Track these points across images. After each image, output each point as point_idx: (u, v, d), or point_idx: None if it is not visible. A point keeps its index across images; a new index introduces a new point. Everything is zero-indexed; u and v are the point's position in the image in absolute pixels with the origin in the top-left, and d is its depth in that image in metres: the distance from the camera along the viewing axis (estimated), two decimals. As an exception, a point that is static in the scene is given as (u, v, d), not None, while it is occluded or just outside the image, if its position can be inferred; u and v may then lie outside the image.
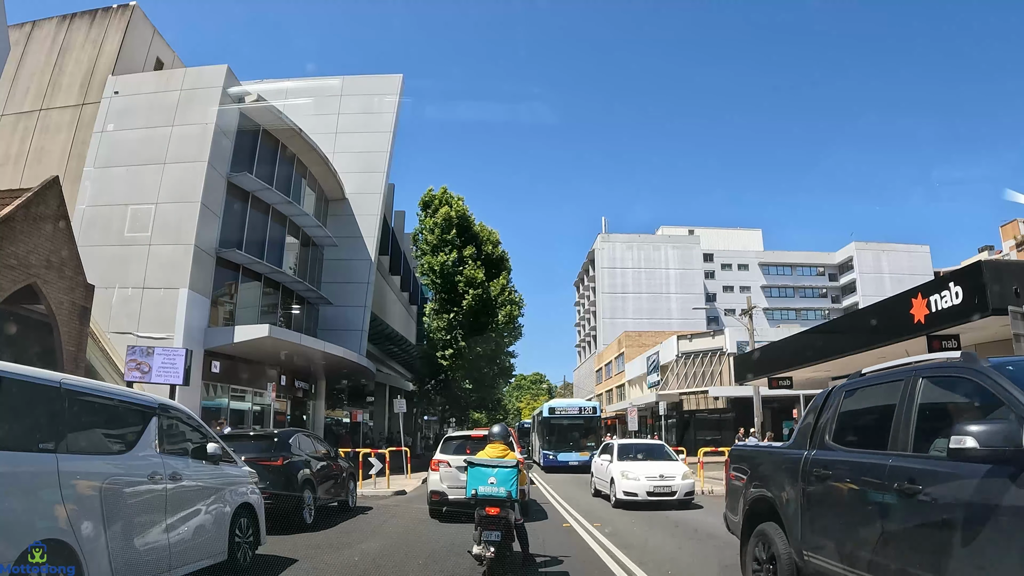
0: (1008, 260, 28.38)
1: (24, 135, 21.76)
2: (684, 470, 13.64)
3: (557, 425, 27.97)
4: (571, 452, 26.29)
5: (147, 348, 15.68)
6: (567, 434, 27.88)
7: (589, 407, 29.35)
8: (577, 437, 27.69)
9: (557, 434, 27.78)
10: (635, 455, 14.60)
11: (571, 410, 28.86)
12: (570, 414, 28.39)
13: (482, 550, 6.41)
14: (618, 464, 13.81)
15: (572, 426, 28.15)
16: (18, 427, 4.17)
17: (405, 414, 23.48)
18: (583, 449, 25.83)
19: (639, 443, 16.62)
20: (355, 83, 30.08)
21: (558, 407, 29.04)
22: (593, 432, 28.05)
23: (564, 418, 28.24)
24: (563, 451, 26.68)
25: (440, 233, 31.05)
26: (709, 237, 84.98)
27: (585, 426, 28.30)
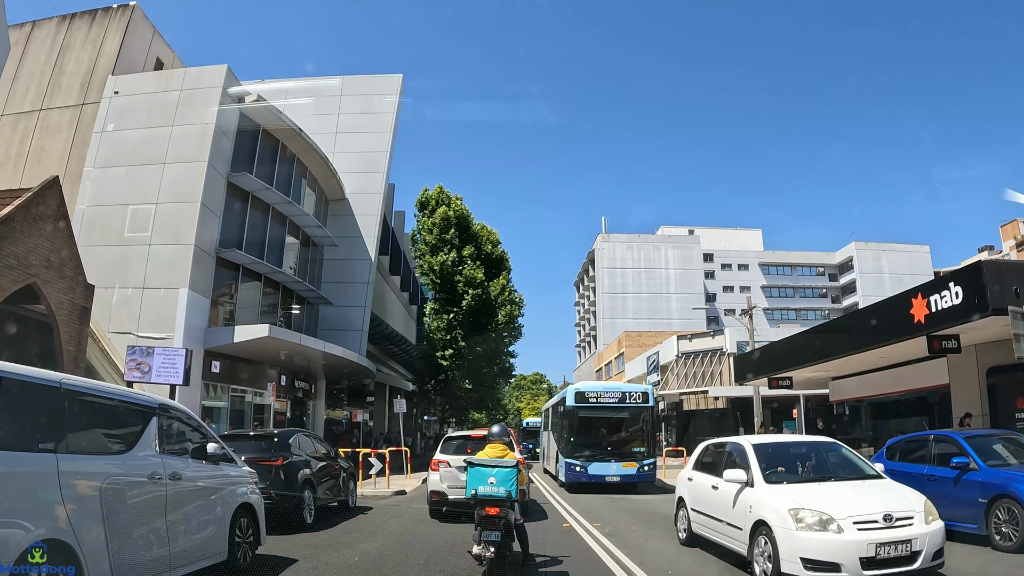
0: (1008, 260, 28.41)
1: (24, 135, 21.75)
2: (921, 503, 6.48)
3: (589, 419, 18.01)
4: (610, 462, 16.93)
5: (147, 348, 15.67)
6: (605, 434, 18.18)
7: (638, 391, 18.19)
8: (621, 438, 18.06)
9: (589, 433, 17.85)
10: (803, 470, 7.52)
11: (610, 395, 18.13)
12: (609, 402, 17.97)
13: (482, 550, 6.41)
14: (776, 492, 6.64)
15: (613, 421, 18.29)
16: (18, 427, 4.17)
17: (405, 414, 23.48)
18: (629, 457, 17.11)
19: (795, 440, 9.28)
20: (355, 83, 30.07)
21: (590, 391, 18.30)
22: (644, 430, 18.02)
23: (600, 409, 17.99)
24: (598, 459, 17.06)
25: (439, 233, 31.03)
26: (709, 237, 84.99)
27: (632, 421, 18.26)
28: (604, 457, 17.06)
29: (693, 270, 79.52)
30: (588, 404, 17.73)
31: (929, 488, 8.73)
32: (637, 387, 18.56)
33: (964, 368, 13.88)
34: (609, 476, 16.58)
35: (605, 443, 17.74)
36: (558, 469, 18.39)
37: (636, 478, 16.58)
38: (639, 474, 16.58)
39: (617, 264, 79.30)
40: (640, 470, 16.58)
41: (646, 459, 16.90)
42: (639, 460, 16.89)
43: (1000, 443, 8.81)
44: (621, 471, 16.65)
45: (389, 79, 30.79)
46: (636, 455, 17.15)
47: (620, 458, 16.99)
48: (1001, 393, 13.15)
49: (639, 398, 17.85)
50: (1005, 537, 7.48)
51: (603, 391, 18.16)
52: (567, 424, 17.72)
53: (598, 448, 17.44)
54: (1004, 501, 7.56)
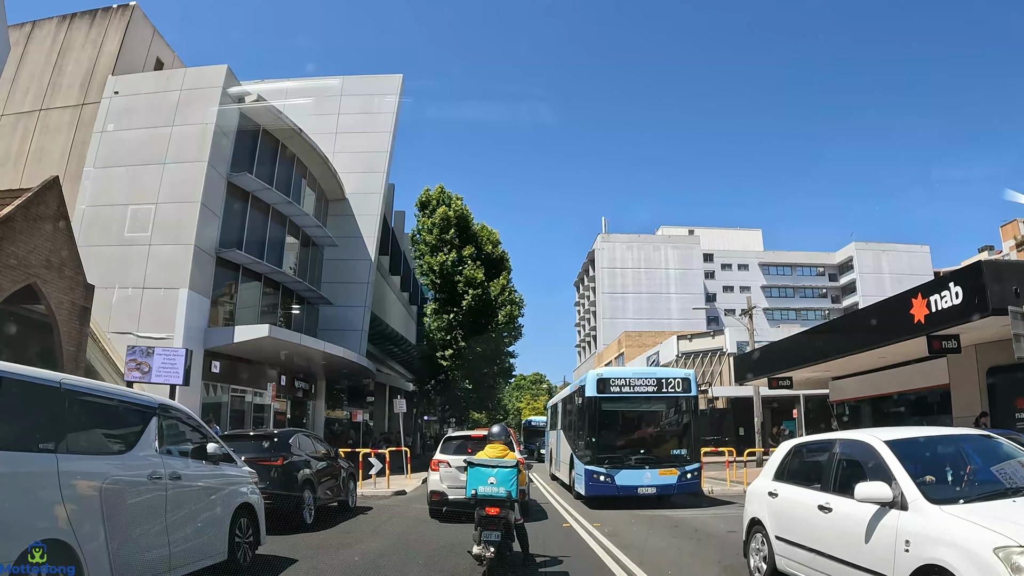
0: (1008, 260, 28.41)
1: (24, 135, 21.75)
2: None
3: (616, 414, 14.17)
4: (644, 468, 13.16)
5: (147, 348, 15.67)
6: (637, 432, 14.30)
7: (677, 377, 14.21)
8: (657, 438, 14.20)
9: (616, 432, 14.06)
10: (966, 479, 5.04)
11: (642, 383, 14.06)
12: (641, 391, 13.93)
13: (482, 550, 6.42)
14: (954, 519, 4.18)
15: (646, 415, 14.45)
16: (18, 427, 4.17)
17: (405, 414, 23.48)
18: (667, 462, 13.35)
19: (939, 435, 5.85)
20: (355, 83, 30.07)
21: (617, 377, 14.34)
22: (685, 427, 14.10)
23: (630, 400, 13.98)
24: (628, 465, 13.19)
25: (439, 233, 31.04)
26: (709, 237, 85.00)
27: (670, 414, 14.37)
28: (636, 462, 13.11)
29: (693, 270, 79.53)
30: (614, 394, 13.63)
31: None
32: (676, 372, 14.58)
33: (964, 368, 13.88)
34: (643, 487, 12.85)
35: (637, 444, 13.76)
36: (574, 478, 14.70)
37: (677, 489, 13.10)
38: (681, 483, 13.05)
39: (617, 264, 79.31)
40: (682, 478, 13.03)
41: (688, 464, 13.21)
42: (680, 465, 13.13)
43: (1000, 443, 8.78)
44: (658, 480, 12.93)
45: (389, 79, 30.79)
46: (676, 459, 13.29)
47: (656, 463, 13.15)
48: (1001, 393, 13.16)
49: (679, 385, 13.87)
50: None
51: (633, 377, 14.15)
52: (587, 420, 13.67)
53: (628, 451, 13.45)
54: None
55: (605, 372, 14.72)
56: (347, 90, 29.60)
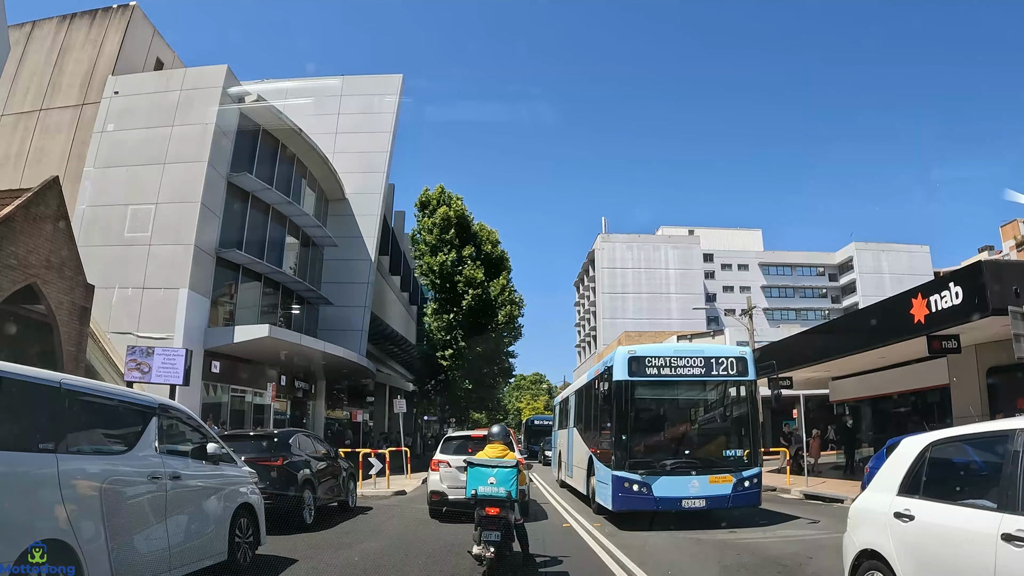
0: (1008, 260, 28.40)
1: (24, 135, 21.75)
2: None
3: (653, 404, 11.27)
4: (689, 474, 10.33)
5: (147, 348, 15.67)
6: (681, 426, 11.28)
7: (731, 356, 11.18)
8: (705, 433, 11.32)
9: (653, 425, 11.13)
10: None
11: (686, 363, 10.97)
12: (686, 374, 10.95)
13: (482, 550, 6.42)
14: None
15: (692, 406, 11.72)
16: (18, 427, 4.17)
17: (405, 414, 23.48)
18: (720, 466, 10.47)
19: None
20: (355, 83, 30.07)
21: (654, 356, 10.99)
22: (742, 421, 11.03)
23: (672, 386, 11.14)
24: (668, 471, 10.33)
25: (439, 233, 31.04)
26: (709, 237, 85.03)
27: (723, 405, 11.35)
28: (679, 467, 10.24)
29: (693, 270, 79.55)
30: (651, 378, 10.65)
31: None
32: (729, 349, 11.68)
33: (964, 368, 13.89)
34: (688, 499, 10.04)
35: (680, 443, 10.71)
36: (594, 487, 11.70)
37: (732, 501, 10.18)
38: (737, 494, 10.15)
39: (617, 264, 79.34)
40: (738, 487, 10.14)
41: (747, 468, 10.29)
42: (735, 471, 10.23)
43: (1000, 443, 8.78)
44: (708, 490, 10.09)
45: (389, 79, 30.79)
46: (730, 462, 10.36)
47: (705, 468, 10.25)
48: (1001, 393, 13.17)
49: (733, 366, 10.80)
50: None
51: (675, 356, 10.85)
52: (616, 412, 10.54)
53: (668, 452, 10.50)
54: None
55: (639, 349, 11.03)
56: (347, 90, 29.60)
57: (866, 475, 10.45)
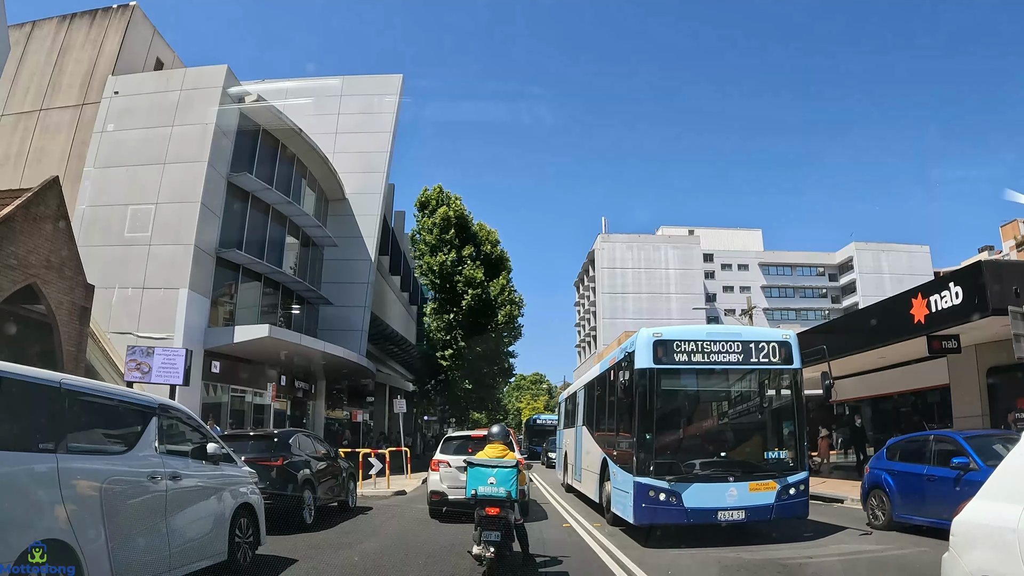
0: (1008, 260, 28.41)
1: (24, 135, 21.75)
2: None
3: (683, 395, 9.63)
4: (725, 480, 8.68)
5: (147, 348, 15.68)
6: (715, 423, 9.77)
7: (772, 341, 9.44)
8: (743, 431, 9.64)
9: (683, 422, 9.47)
10: None
11: (721, 347, 9.19)
12: (722, 359, 9.19)
13: (482, 550, 6.42)
14: None
15: (728, 397, 9.93)
16: (18, 427, 4.17)
17: (405, 414, 23.48)
18: (761, 471, 8.95)
19: None
20: (355, 83, 30.08)
21: (683, 340, 9.18)
22: (788, 415, 9.39)
23: (705, 375, 9.45)
24: (701, 476, 8.73)
25: (439, 233, 31.05)
26: (709, 237, 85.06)
27: (762, 395, 9.64)
28: (714, 472, 8.74)
29: (693, 270, 79.58)
30: (680, 365, 9.07)
31: (929, 488, 8.75)
32: (770, 332, 9.80)
33: (964, 368, 13.89)
34: (725, 511, 8.51)
35: (714, 444, 9.24)
36: (610, 495, 10.27)
37: (775, 511, 8.67)
38: (781, 503, 8.68)
39: (617, 264, 79.37)
40: (783, 495, 8.70)
41: (792, 473, 8.85)
42: (779, 476, 8.80)
43: (1000, 443, 8.81)
44: (748, 499, 8.59)
45: (389, 79, 30.80)
46: (773, 466, 8.93)
47: (745, 473, 8.78)
48: (1001, 393, 13.17)
49: (775, 353, 9.30)
50: None
51: (707, 340, 9.16)
52: (638, 406, 8.93)
53: (701, 454, 9.00)
54: None
55: (667, 332, 9.27)
56: (347, 90, 29.61)
57: (866, 475, 10.46)
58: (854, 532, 9.63)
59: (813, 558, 7.80)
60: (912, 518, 9.08)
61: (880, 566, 7.67)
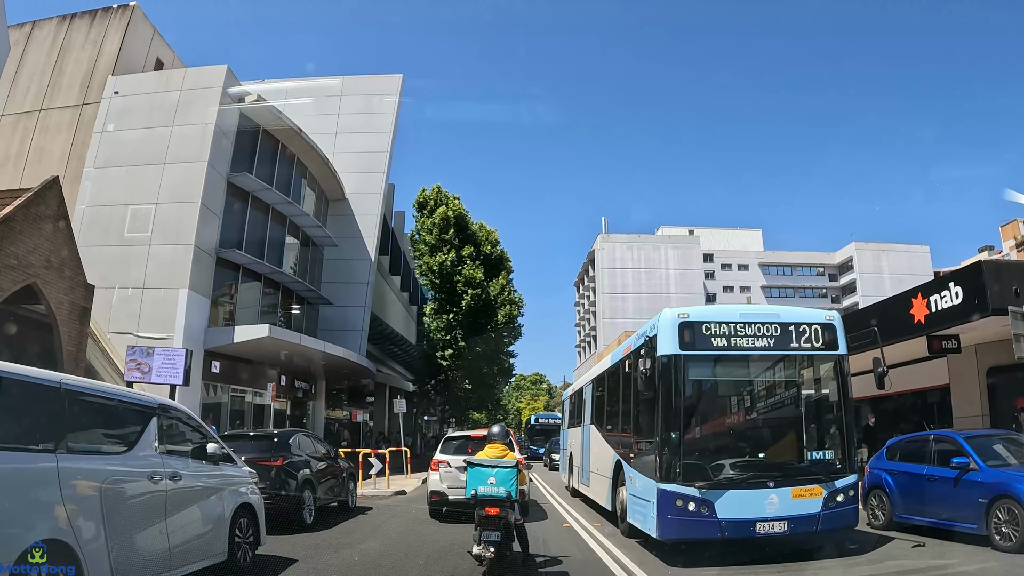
0: (1008, 260, 28.41)
1: (24, 135, 21.76)
2: None
3: (715, 386, 8.43)
4: (765, 486, 7.45)
5: (147, 348, 15.68)
6: (750, 419, 8.36)
7: (814, 324, 8.15)
8: (782, 428, 8.25)
9: (715, 418, 8.28)
10: None
11: (758, 331, 7.92)
12: (758, 343, 7.91)
13: (482, 550, 6.42)
14: None
15: (766, 387, 8.51)
16: (18, 427, 4.17)
17: (405, 414, 23.48)
18: (804, 475, 7.68)
19: None
20: (355, 83, 30.08)
21: (714, 321, 7.92)
22: (833, 409, 8.29)
23: (740, 360, 8.08)
24: (736, 482, 7.47)
25: (438, 233, 31.04)
26: (709, 237, 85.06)
27: (804, 386, 8.35)
28: (751, 476, 7.58)
29: (693, 270, 79.56)
30: (712, 351, 7.91)
31: (929, 488, 8.75)
32: (810, 314, 8.46)
33: (964, 368, 13.88)
34: (765, 522, 7.34)
35: (749, 443, 8.08)
36: (626, 503, 9.10)
37: (822, 522, 7.52)
38: (829, 511, 7.52)
39: (617, 264, 79.36)
40: (830, 503, 7.53)
41: (840, 476, 7.70)
42: (825, 480, 7.63)
43: (1000, 443, 8.81)
44: (791, 508, 7.43)
45: (389, 79, 30.81)
46: (818, 469, 7.77)
47: (786, 477, 7.63)
48: (1001, 393, 13.16)
49: (818, 337, 8.11)
50: (1005, 537, 7.49)
51: (740, 322, 7.94)
52: (661, 401, 7.71)
53: (734, 455, 7.82)
54: (1004, 501, 7.57)
55: (694, 312, 8.04)
56: (347, 90, 29.61)
57: (866, 475, 10.45)
58: (903, 543, 8.30)
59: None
60: (912, 518, 9.09)
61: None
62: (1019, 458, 8.41)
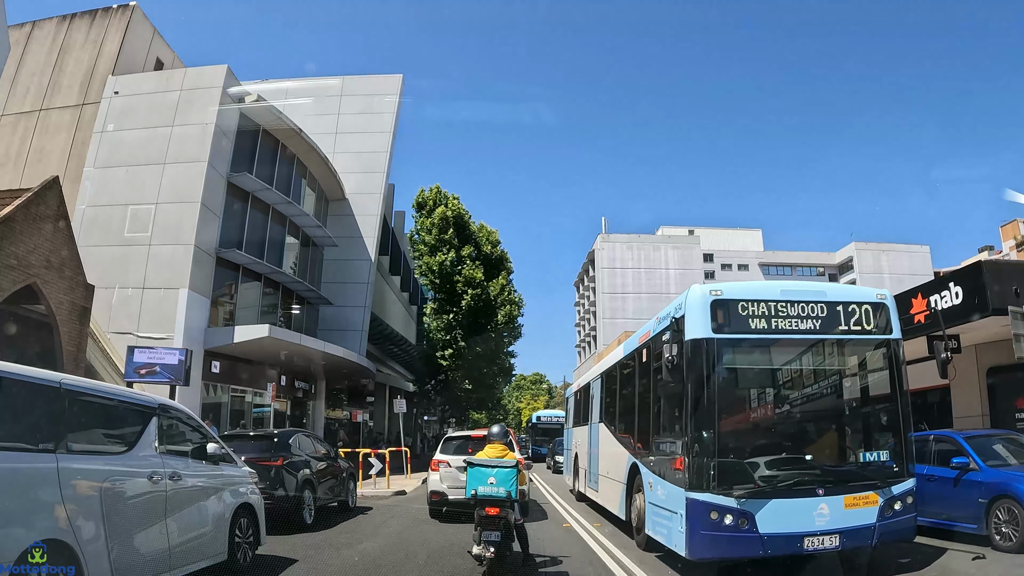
0: (1008, 260, 28.40)
1: (24, 135, 21.76)
2: None
3: (753, 376, 7.29)
4: (812, 494, 6.34)
5: (147, 348, 15.68)
6: (793, 415, 7.10)
7: (865, 302, 7.07)
8: (831, 425, 7.20)
9: (754, 417, 7.11)
10: None
11: (800, 311, 6.81)
12: (801, 325, 6.78)
13: (482, 550, 6.42)
14: None
15: (810, 376, 7.22)
16: (18, 427, 4.17)
17: (405, 414, 23.47)
18: (857, 481, 6.60)
19: None
20: (355, 83, 30.08)
21: (751, 299, 6.80)
22: (887, 402, 7.02)
23: (782, 342, 6.98)
24: (779, 490, 6.36)
25: (438, 233, 31.04)
26: (709, 237, 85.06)
27: (855, 375, 7.24)
28: (797, 483, 6.51)
29: (693, 270, 79.49)
30: (749, 334, 6.88)
31: (929, 488, 8.74)
32: (858, 292, 7.58)
33: (964, 368, 13.87)
34: (814, 536, 6.31)
35: (792, 443, 6.96)
36: (641, 511, 8.15)
37: (878, 535, 6.50)
38: (885, 523, 6.51)
39: (617, 264, 79.34)
40: (886, 513, 6.53)
41: (897, 481, 6.69)
42: (880, 485, 6.62)
43: (1000, 443, 8.81)
44: (843, 519, 6.40)
45: (389, 79, 30.80)
46: (873, 472, 6.73)
47: (837, 483, 6.58)
48: (1001, 393, 13.16)
49: (868, 319, 7.07)
50: (1005, 537, 7.48)
51: (782, 300, 6.91)
52: (691, 394, 6.67)
53: (777, 457, 6.75)
54: (1004, 501, 7.57)
55: (727, 289, 7.00)
56: (347, 90, 29.61)
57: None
58: (961, 555, 7.33)
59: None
60: (912, 518, 9.07)
61: None
62: (1019, 458, 8.42)
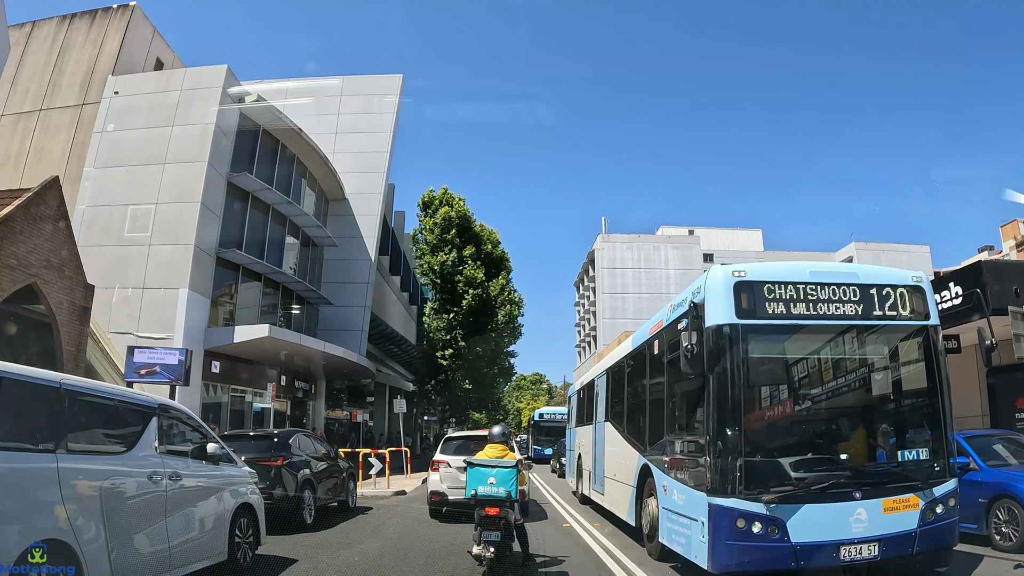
0: (1008, 260, 28.40)
1: (24, 135, 21.76)
2: None
3: (781, 367, 6.46)
4: (848, 498, 5.69)
5: (147, 348, 15.68)
6: (828, 411, 6.41)
7: (900, 285, 6.42)
8: (867, 421, 6.39)
9: (783, 412, 6.28)
10: None
11: (831, 295, 6.13)
12: (832, 310, 6.11)
13: (482, 550, 6.42)
14: None
15: (844, 366, 6.51)
16: (18, 427, 4.17)
17: (405, 414, 23.48)
18: (896, 483, 5.94)
19: None
20: (355, 83, 30.08)
21: (778, 281, 6.10)
22: (927, 395, 6.46)
23: (813, 329, 6.25)
24: (812, 494, 5.66)
25: (440, 233, 31.05)
26: (709, 237, 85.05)
27: (891, 362, 6.59)
28: (832, 485, 5.77)
29: (693, 270, 79.35)
30: (777, 320, 6.12)
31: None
32: (892, 274, 6.69)
33: (964, 368, 13.87)
34: (851, 544, 5.61)
35: (827, 442, 6.29)
36: (654, 516, 7.49)
37: (919, 542, 5.80)
38: (926, 528, 5.84)
39: (617, 264, 79.35)
40: (927, 517, 5.86)
41: (938, 482, 6.05)
42: (921, 486, 5.95)
43: (1000, 443, 8.81)
44: (882, 525, 5.70)
45: (389, 79, 30.81)
46: (912, 472, 6.07)
47: (875, 485, 5.89)
48: (1001, 393, 13.16)
49: (904, 303, 6.45)
50: (1005, 537, 7.48)
51: (812, 282, 6.20)
52: (715, 387, 5.92)
53: (808, 456, 6.03)
54: (1004, 501, 7.57)
55: (752, 271, 6.27)
56: (347, 90, 29.61)
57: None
58: (1001, 562, 6.92)
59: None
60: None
61: None
62: (1019, 458, 8.42)
